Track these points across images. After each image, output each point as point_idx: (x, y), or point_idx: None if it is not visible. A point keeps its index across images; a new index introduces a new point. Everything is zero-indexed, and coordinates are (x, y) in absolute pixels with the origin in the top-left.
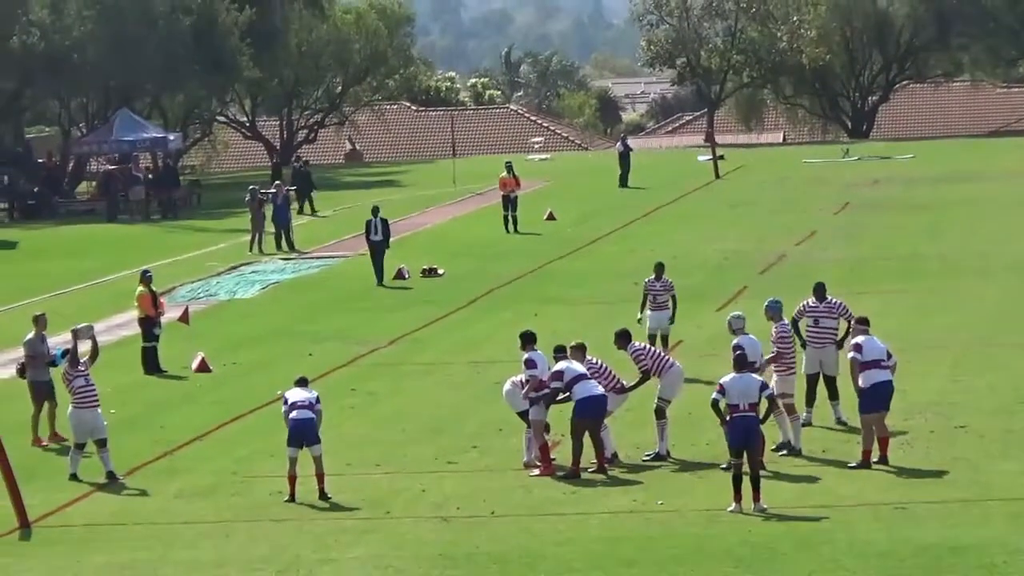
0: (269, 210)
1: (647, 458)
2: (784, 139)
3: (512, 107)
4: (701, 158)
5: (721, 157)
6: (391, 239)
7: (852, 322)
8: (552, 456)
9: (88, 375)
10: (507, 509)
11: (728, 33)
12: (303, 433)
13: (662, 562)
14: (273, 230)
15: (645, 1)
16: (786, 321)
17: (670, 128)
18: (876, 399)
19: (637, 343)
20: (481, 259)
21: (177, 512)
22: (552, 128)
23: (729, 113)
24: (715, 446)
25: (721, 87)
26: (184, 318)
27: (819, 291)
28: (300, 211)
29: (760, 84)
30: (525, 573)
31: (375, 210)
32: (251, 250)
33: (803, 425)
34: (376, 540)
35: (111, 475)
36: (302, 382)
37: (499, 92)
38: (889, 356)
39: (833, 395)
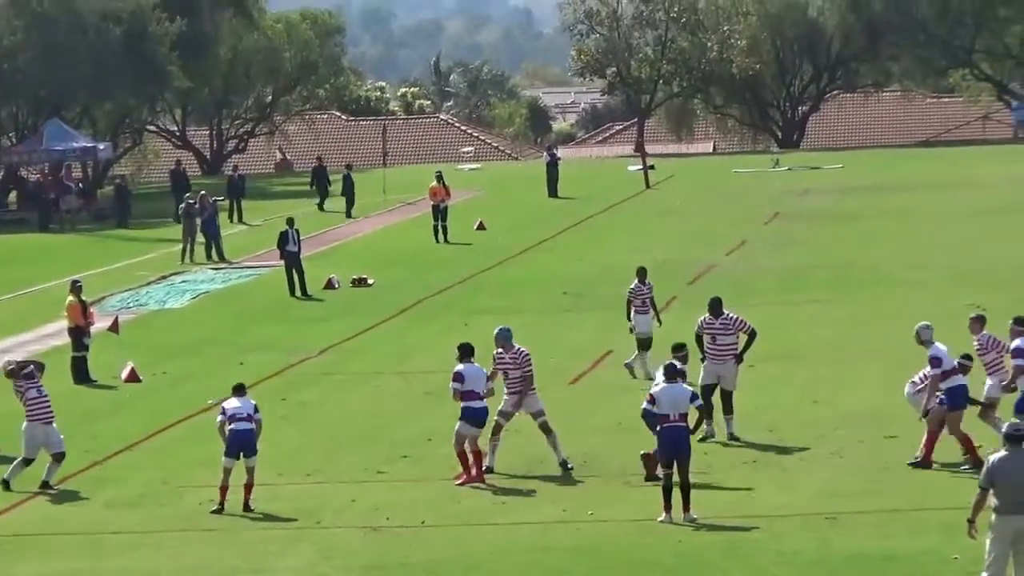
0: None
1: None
2: (714, 149)
3: (442, 117)
4: (631, 168)
5: (651, 167)
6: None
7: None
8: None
9: (40, 386)
10: (437, 519)
11: (658, 43)
12: (242, 444)
13: (592, 572)
14: (201, 240)
15: (575, 11)
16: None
17: (600, 138)
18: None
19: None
20: (411, 269)
21: (107, 522)
22: (482, 138)
23: (659, 123)
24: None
25: (651, 97)
26: (114, 328)
27: (715, 307)
28: (231, 220)
29: (690, 94)
30: None
31: (290, 221)
32: (182, 261)
33: (704, 439)
34: (306, 550)
35: (46, 484)
36: (239, 390)
37: (429, 102)
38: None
39: (728, 410)
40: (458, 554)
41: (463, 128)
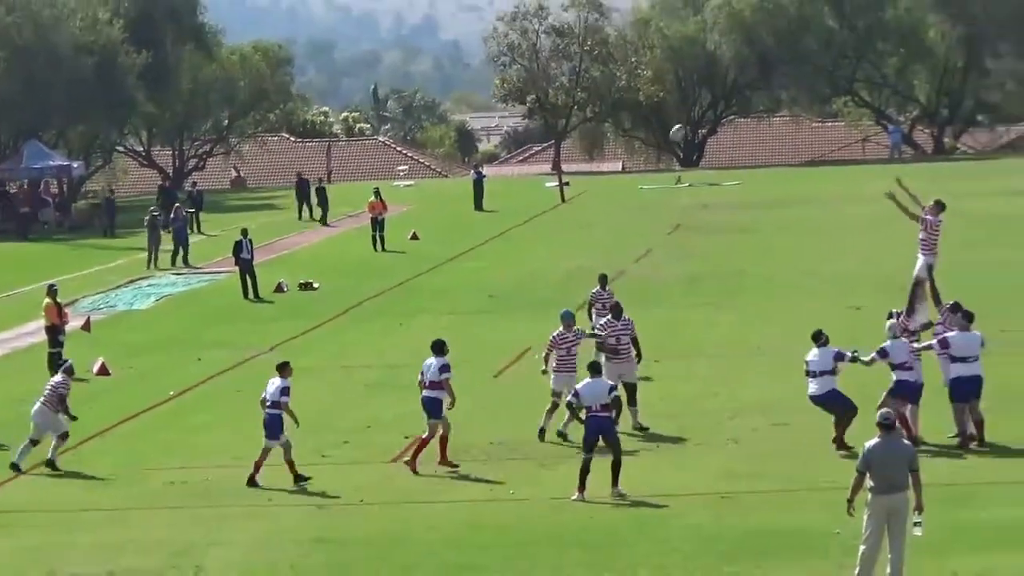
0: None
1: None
2: (623, 168)
3: (380, 139)
4: (548, 184)
5: (566, 183)
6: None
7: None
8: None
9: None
10: (375, 498)
11: (573, 73)
12: (265, 427)
13: (516, 546)
14: (165, 248)
15: (499, 44)
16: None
17: (521, 158)
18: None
19: None
20: (352, 275)
21: (80, 501)
22: (416, 157)
23: (574, 144)
24: (560, 443)
25: (567, 121)
26: (86, 327)
27: (616, 310)
28: (191, 230)
29: (601, 118)
30: (391, 555)
31: (244, 231)
32: (148, 267)
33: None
34: (259, 526)
35: (50, 463)
36: (279, 369)
37: (368, 125)
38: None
39: (632, 402)
40: (394, 529)
41: (399, 149)
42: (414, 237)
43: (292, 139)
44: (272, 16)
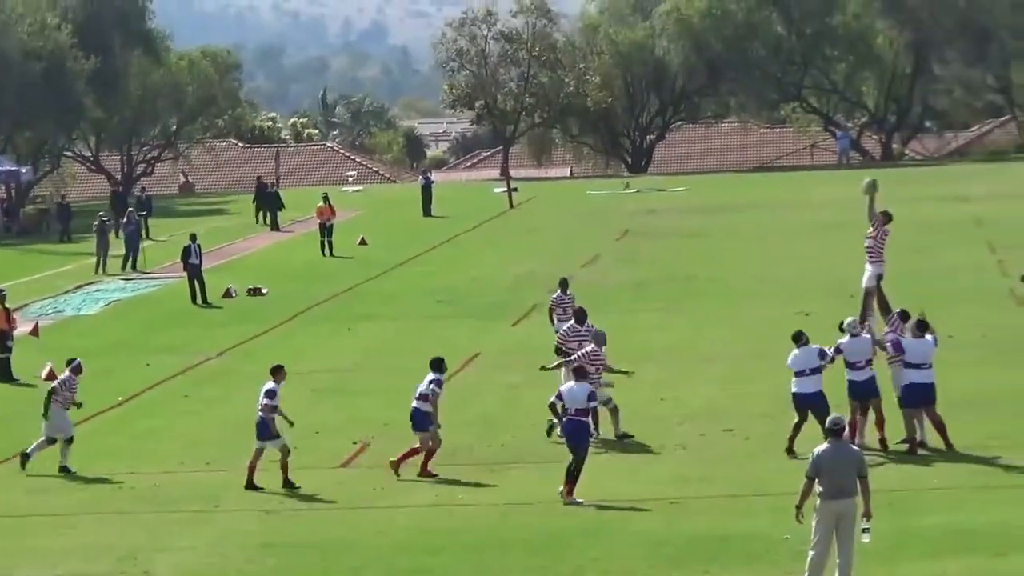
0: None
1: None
2: (571, 173)
3: (328, 144)
4: (497, 190)
5: (515, 189)
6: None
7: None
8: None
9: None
10: (323, 503)
11: (521, 79)
12: (257, 430)
13: (465, 550)
14: (114, 253)
15: (447, 50)
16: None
17: (469, 163)
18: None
19: None
20: (301, 280)
21: (28, 506)
22: (364, 163)
23: (522, 150)
24: (509, 448)
25: (515, 127)
26: (35, 332)
27: (580, 315)
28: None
29: (550, 124)
30: (340, 559)
31: (193, 237)
32: (96, 272)
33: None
34: (206, 531)
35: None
36: (273, 371)
37: (317, 131)
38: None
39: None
40: (342, 534)
41: (347, 154)
42: (362, 242)
43: (240, 145)
44: (221, 22)
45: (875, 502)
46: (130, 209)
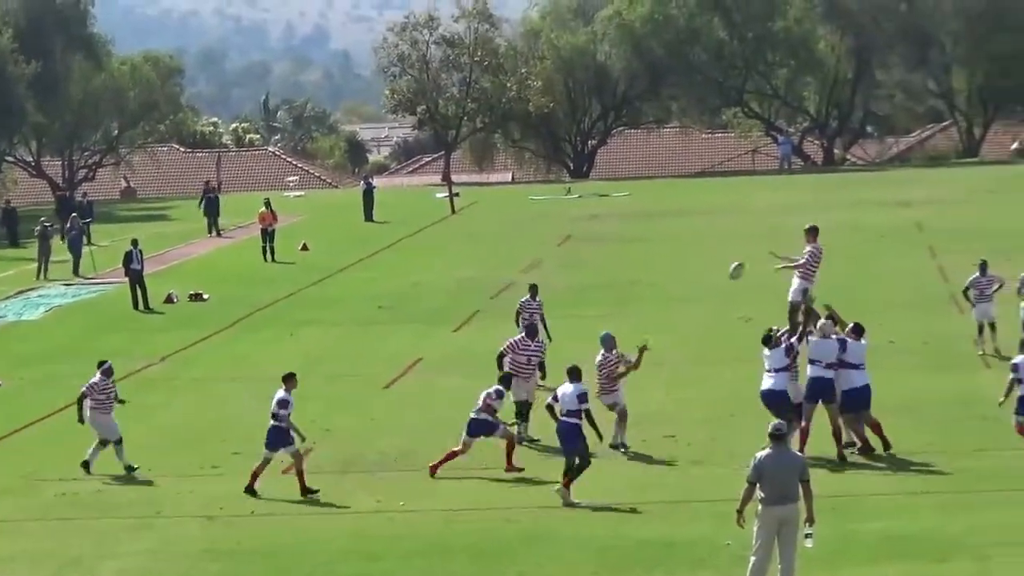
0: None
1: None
2: (513, 178)
3: (270, 149)
4: (438, 195)
5: (457, 194)
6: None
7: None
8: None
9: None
10: (265, 509)
11: (463, 84)
12: (268, 438)
13: (406, 556)
14: (56, 258)
15: (389, 55)
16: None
17: (411, 168)
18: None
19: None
20: (243, 285)
21: None
22: (306, 168)
23: (464, 155)
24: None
25: (457, 132)
26: None
27: (531, 331)
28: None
29: (491, 129)
30: (283, 566)
31: (134, 242)
32: (38, 277)
33: (520, 441)
34: (149, 537)
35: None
36: (285, 379)
37: (258, 136)
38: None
39: (526, 418)
40: (284, 540)
41: (289, 159)
42: (304, 248)
43: (182, 150)
44: (163, 26)
45: (816, 507)
46: (73, 215)
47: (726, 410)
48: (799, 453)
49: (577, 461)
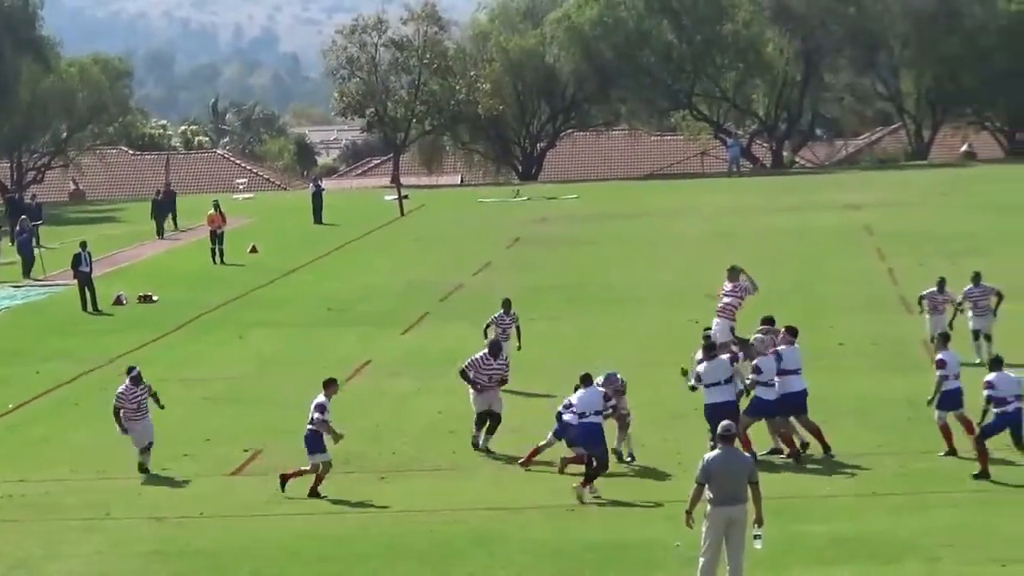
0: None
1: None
2: (462, 181)
3: (219, 152)
4: (387, 198)
5: (406, 197)
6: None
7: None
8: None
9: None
10: (215, 510)
11: (412, 86)
12: (306, 444)
13: (356, 557)
14: (5, 260)
15: (338, 57)
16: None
17: (360, 171)
18: (785, 405)
19: None
20: (192, 287)
21: None
22: (255, 170)
23: (413, 157)
24: (400, 456)
25: (406, 134)
26: None
27: (495, 349)
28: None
29: (440, 132)
30: (231, 567)
31: (83, 244)
32: None
33: (476, 447)
34: (98, 539)
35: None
36: (325, 384)
37: (207, 138)
38: None
39: (492, 431)
40: (233, 541)
41: (237, 162)
42: (253, 250)
43: (130, 152)
44: (112, 29)
45: (765, 509)
46: (23, 217)
47: (676, 412)
48: (748, 454)
49: (595, 463)
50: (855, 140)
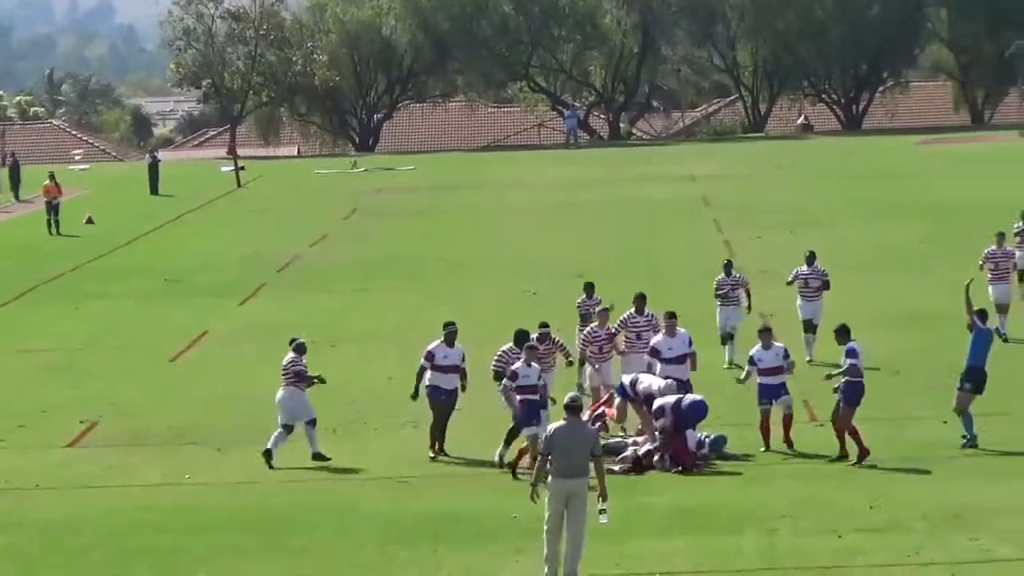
0: None
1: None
2: (298, 152)
3: (55, 122)
4: (224, 169)
5: (242, 168)
6: None
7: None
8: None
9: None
10: (51, 482)
11: (249, 57)
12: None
13: (193, 528)
14: None
15: (174, 28)
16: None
17: (197, 142)
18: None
19: None
20: (27, 259)
21: None
22: (91, 141)
23: (250, 129)
24: (238, 427)
25: (242, 105)
26: None
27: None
28: None
29: (277, 103)
30: (66, 539)
31: None
32: None
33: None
34: None
35: (318, 455)
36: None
37: (43, 109)
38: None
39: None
40: (69, 514)
41: (74, 133)
42: (89, 221)
43: None
44: None
45: (610, 485)
46: None
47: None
48: (592, 427)
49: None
50: (692, 112)
